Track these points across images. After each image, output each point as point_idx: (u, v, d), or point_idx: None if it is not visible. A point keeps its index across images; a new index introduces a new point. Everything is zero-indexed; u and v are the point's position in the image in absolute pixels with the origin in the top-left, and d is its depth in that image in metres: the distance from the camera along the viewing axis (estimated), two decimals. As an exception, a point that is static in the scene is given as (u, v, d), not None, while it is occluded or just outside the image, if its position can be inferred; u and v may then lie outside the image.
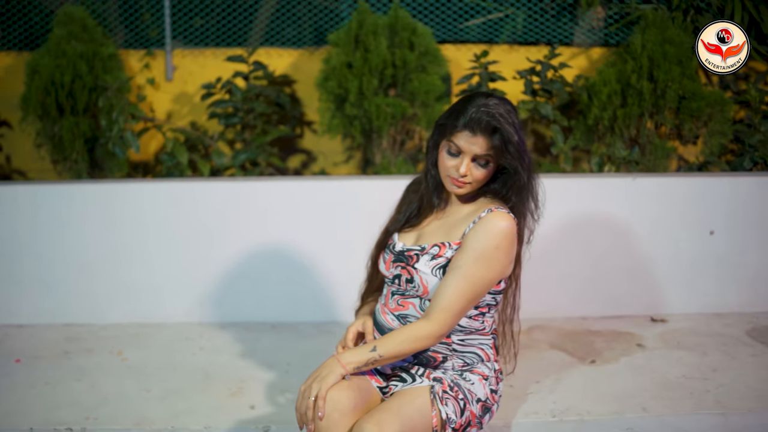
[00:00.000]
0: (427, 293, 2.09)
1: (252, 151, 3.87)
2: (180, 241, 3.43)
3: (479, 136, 2.00)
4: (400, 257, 2.13)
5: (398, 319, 2.14)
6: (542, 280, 3.44)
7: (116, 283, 3.44)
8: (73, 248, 3.42)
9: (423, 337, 2.04)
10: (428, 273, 2.07)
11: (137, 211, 3.44)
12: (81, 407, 2.65)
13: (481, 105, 2.01)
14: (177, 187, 3.47)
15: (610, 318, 3.43)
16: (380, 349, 2.02)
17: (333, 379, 1.98)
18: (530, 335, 3.27)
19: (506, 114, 2.02)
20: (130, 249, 3.43)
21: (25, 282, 3.44)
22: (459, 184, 2.06)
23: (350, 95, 3.67)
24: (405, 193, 2.28)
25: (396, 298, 2.15)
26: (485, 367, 2.20)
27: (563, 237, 3.44)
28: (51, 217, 3.41)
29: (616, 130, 3.71)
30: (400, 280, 2.12)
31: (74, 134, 3.74)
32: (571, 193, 3.47)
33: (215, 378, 2.89)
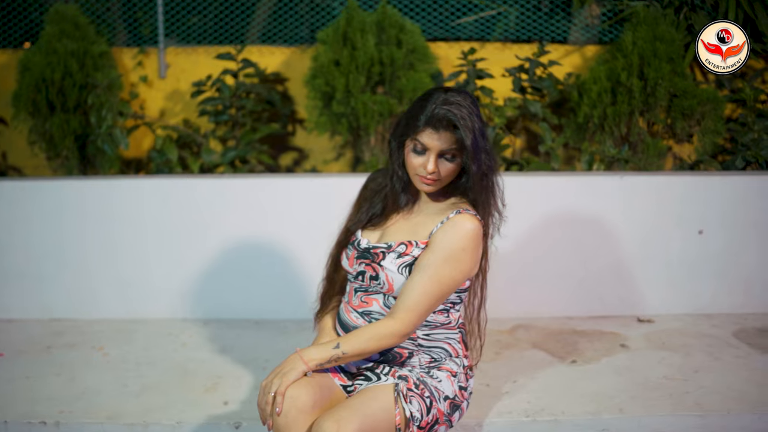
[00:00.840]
0: (392, 291, 2.07)
1: (242, 148, 3.87)
2: (166, 237, 3.44)
3: (442, 132, 1.98)
4: (365, 254, 2.11)
5: (362, 316, 2.13)
6: (528, 279, 3.42)
7: (103, 278, 3.45)
8: (61, 244, 3.44)
9: (387, 335, 2.02)
10: (394, 271, 2.06)
11: (123, 208, 3.45)
12: (57, 401, 2.66)
13: (441, 101, 1.99)
14: (163, 183, 3.48)
15: (597, 318, 3.40)
16: (344, 347, 2.01)
17: (294, 376, 1.97)
18: (513, 334, 3.24)
19: (467, 106, 2.00)
20: (117, 245, 3.44)
21: (15, 277, 3.46)
22: (428, 182, 2.04)
23: (337, 93, 3.66)
24: (363, 191, 2.26)
25: (360, 295, 2.14)
26: (453, 364, 2.18)
27: (551, 236, 3.40)
28: (38, 212, 3.43)
29: (606, 128, 3.67)
30: (364, 277, 2.11)
31: (64, 131, 3.76)
32: (559, 191, 3.44)
33: (192, 374, 2.89)
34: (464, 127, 1.96)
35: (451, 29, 4.13)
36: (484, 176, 2.04)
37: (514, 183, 3.41)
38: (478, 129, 1.99)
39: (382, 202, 2.18)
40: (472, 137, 1.97)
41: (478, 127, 1.99)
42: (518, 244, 3.38)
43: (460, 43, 4.13)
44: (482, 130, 2.01)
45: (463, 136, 1.96)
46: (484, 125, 2.03)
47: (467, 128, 1.97)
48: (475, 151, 1.98)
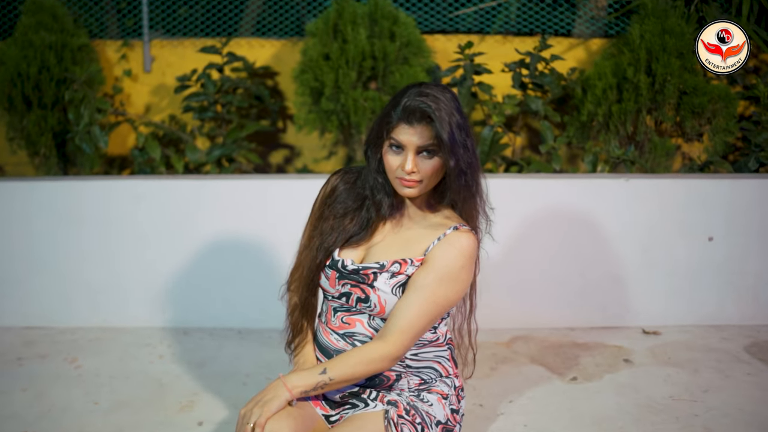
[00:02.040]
0: (384, 312, 1.90)
1: (228, 146, 3.69)
2: (143, 241, 3.27)
3: (417, 126, 1.81)
4: (352, 276, 1.92)
5: (343, 338, 1.95)
6: (527, 288, 3.24)
7: (77, 284, 3.28)
8: (31, 247, 3.27)
9: (378, 359, 1.86)
10: (388, 292, 1.89)
11: (99, 209, 3.28)
12: (20, 420, 2.50)
13: (415, 93, 1.83)
14: (140, 184, 3.30)
15: (599, 329, 3.21)
16: (331, 372, 1.84)
17: (276, 405, 1.80)
18: (511, 347, 3.06)
19: (444, 99, 1.82)
20: (92, 248, 3.27)
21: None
22: (409, 184, 1.86)
23: (326, 89, 3.47)
24: (327, 198, 2.02)
25: (340, 316, 1.96)
26: (444, 385, 2.03)
27: (550, 242, 3.22)
28: (7, 214, 3.26)
29: (611, 127, 3.48)
30: (349, 298, 1.93)
31: (42, 128, 3.59)
32: (561, 194, 3.25)
33: (168, 389, 2.72)
34: (439, 119, 1.79)
35: (448, 21, 3.94)
36: (462, 174, 1.85)
37: (513, 185, 3.25)
38: (456, 123, 1.81)
39: (359, 217, 1.97)
40: (448, 130, 1.80)
41: (456, 121, 1.82)
42: (516, 250, 3.20)
43: (458, 35, 3.93)
44: (461, 124, 1.83)
45: (438, 128, 1.79)
46: (465, 120, 1.85)
47: (443, 120, 1.79)
48: (452, 144, 1.80)
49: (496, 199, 3.24)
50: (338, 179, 2.02)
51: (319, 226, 2.00)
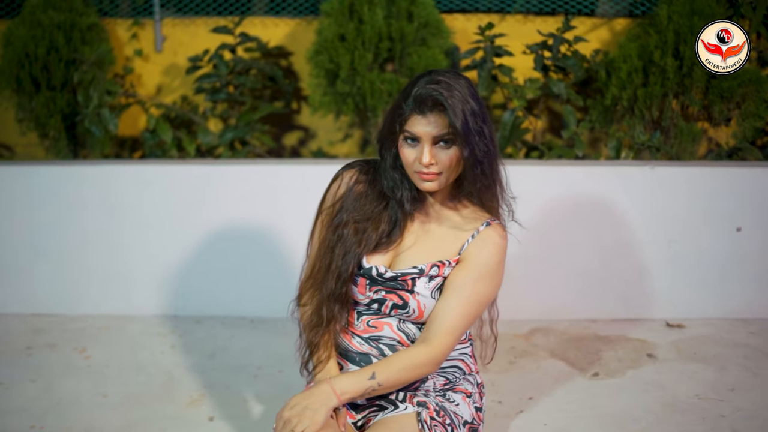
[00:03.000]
0: (422, 317, 1.83)
1: (241, 128, 3.60)
2: (153, 227, 3.20)
3: (430, 115, 1.72)
4: (389, 283, 1.82)
5: (368, 342, 1.86)
6: (547, 278, 3.14)
7: (86, 271, 3.23)
8: (40, 233, 3.21)
9: (424, 363, 1.78)
10: (427, 296, 1.81)
11: (108, 195, 3.21)
12: (28, 413, 2.45)
13: (426, 81, 1.73)
14: (150, 170, 3.22)
15: (621, 321, 3.11)
16: (379, 377, 1.75)
17: (324, 414, 1.70)
18: (531, 339, 2.98)
19: (456, 84, 1.72)
20: (101, 235, 3.21)
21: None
22: (428, 177, 1.76)
23: (341, 71, 3.36)
24: (339, 200, 1.88)
25: (366, 319, 1.87)
26: (467, 383, 1.96)
27: (571, 231, 3.12)
28: (16, 199, 3.20)
29: (636, 111, 3.35)
30: (382, 305, 1.84)
31: (50, 110, 3.51)
32: (582, 181, 3.14)
33: (178, 382, 2.66)
34: (452, 106, 1.69)
35: (468, 0, 3.80)
36: (478, 163, 1.75)
37: (533, 172, 3.14)
38: (470, 109, 1.71)
39: (385, 219, 1.85)
40: (462, 118, 1.70)
41: (471, 108, 1.72)
42: (536, 239, 3.09)
43: (477, 15, 3.80)
44: (476, 110, 1.73)
45: (451, 116, 1.69)
46: (481, 106, 1.75)
47: (456, 107, 1.69)
48: (466, 132, 1.70)
49: (515, 186, 3.13)
50: (353, 177, 1.89)
51: (339, 230, 1.85)
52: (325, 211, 1.90)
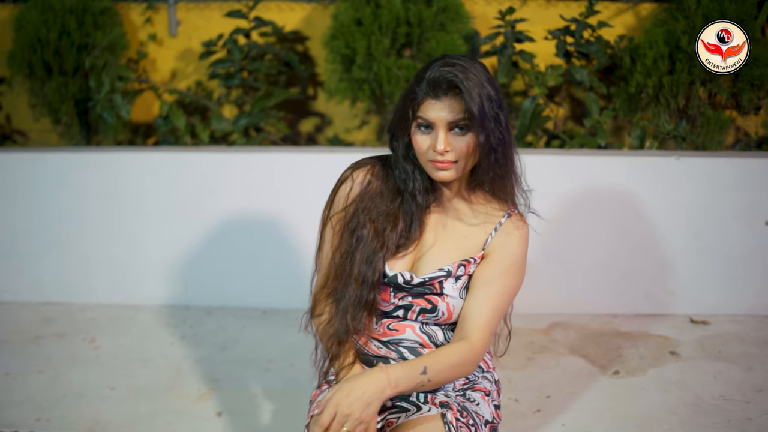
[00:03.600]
0: (451, 318, 1.75)
1: (255, 115, 3.53)
2: (166, 216, 3.15)
3: (444, 99, 1.62)
4: (417, 288, 1.73)
5: (386, 345, 1.77)
6: (568, 271, 3.05)
7: (97, 260, 3.18)
8: (51, 220, 3.17)
9: (470, 362, 1.69)
10: (456, 297, 1.73)
11: (121, 183, 3.16)
12: (34, 405, 2.41)
13: (440, 64, 1.64)
14: (160, 157, 3.17)
15: (644, 317, 3.02)
16: (430, 373, 1.65)
17: (376, 408, 1.59)
18: (549, 334, 2.89)
19: (472, 68, 1.63)
20: (112, 223, 3.16)
21: (3, 255, 3.20)
22: (443, 165, 1.66)
23: (358, 56, 3.27)
24: (352, 203, 1.77)
25: (386, 323, 1.77)
26: (486, 381, 1.87)
27: (593, 223, 3.02)
28: (27, 186, 3.16)
29: (662, 99, 3.23)
30: (408, 311, 1.75)
31: (62, 96, 3.45)
32: (604, 172, 3.04)
33: (187, 375, 2.61)
34: (468, 89, 1.60)
35: (489, -17, 3.69)
36: (492, 150, 1.66)
37: (554, 162, 3.04)
38: (487, 94, 1.62)
39: (402, 216, 1.75)
40: (479, 102, 1.61)
41: (487, 92, 1.62)
42: (556, 230, 3.00)
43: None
44: (492, 96, 1.64)
45: (468, 99, 1.60)
46: (497, 92, 1.66)
47: (472, 91, 1.60)
48: (482, 118, 1.61)
49: (536, 177, 3.04)
50: (366, 176, 1.79)
51: (357, 232, 1.74)
52: (336, 216, 1.78)
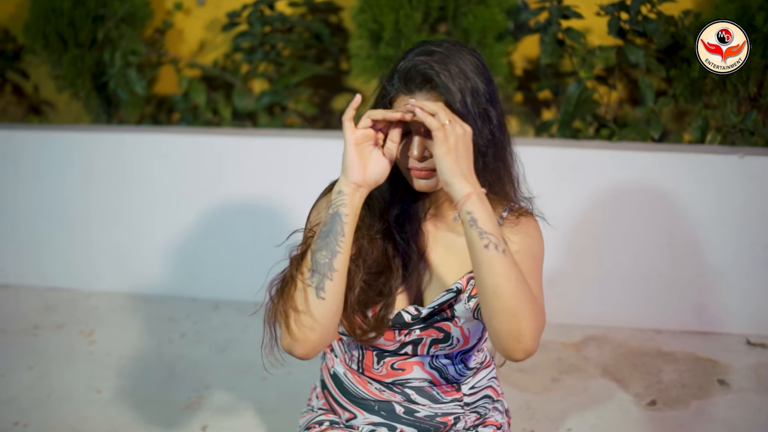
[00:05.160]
0: (468, 343, 1.50)
1: (279, 92, 3.28)
2: (176, 203, 2.96)
3: (419, 94, 1.34)
4: (426, 320, 1.47)
5: (389, 387, 1.54)
6: (606, 278, 2.74)
7: (103, 245, 3.03)
8: (57, 203, 3.02)
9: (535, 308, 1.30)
10: (470, 318, 1.46)
11: (132, 166, 2.98)
12: (16, 407, 2.27)
13: (416, 53, 1.36)
14: (172, 140, 2.96)
15: (692, 334, 2.68)
16: (504, 248, 1.28)
17: (459, 159, 1.28)
18: (581, 350, 2.59)
19: (456, 56, 1.35)
20: (120, 208, 2.99)
21: (9, 238, 3.08)
22: (422, 174, 1.38)
23: (385, 32, 2.98)
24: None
25: (390, 362, 1.53)
26: (497, 413, 1.65)
27: (638, 225, 2.68)
28: (32, 166, 3.01)
29: (729, 86, 2.84)
30: (418, 346, 1.50)
31: (78, 69, 3.28)
32: (655, 169, 2.68)
33: (179, 379, 2.43)
34: (444, 83, 1.32)
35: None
36: (480, 155, 1.37)
37: (598, 156, 2.71)
38: (471, 88, 1.34)
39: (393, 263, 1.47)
40: (459, 97, 1.32)
41: (471, 86, 1.34)
42: (597, 233, 2.69)
43: (548, -32, 3.31)
44: (479, 89, 1.35)
45: (444, 93, 1.32)
46: (488, 83, 1.37)
47: (449, 84, 1.32)
48: (464, 116, 1.33)
49: (576, 172, 2.74)
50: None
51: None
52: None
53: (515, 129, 3.54)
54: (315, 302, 1.33)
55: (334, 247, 1.34)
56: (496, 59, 3.01)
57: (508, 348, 1.28)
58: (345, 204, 1.35)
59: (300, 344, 1.33)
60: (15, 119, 3.76)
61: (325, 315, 1.33)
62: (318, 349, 1.36)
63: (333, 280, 1.34)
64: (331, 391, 1.63)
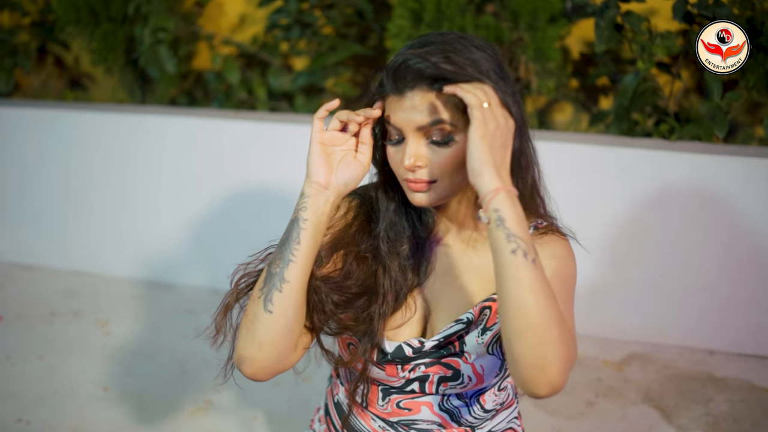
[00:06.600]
0: (482, 382, 1.31)
1: (317, 72, 3.11)
2: (204, 190, 2.83)
3: (409, 94, 1.15)
4: (432, 354, 1.30)
5: (393, 427, 1.37)
6: (655, 291, 2.49)
7: (129, 230, 2.93)
8: (85, 184, 2.94)
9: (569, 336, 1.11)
10: (483, 354, 1.28)
11: (159, 149, 2.86)
12: (20, 401, 2.20)
13: (410, 46, 1.17)
14: (197, 123, 2.82)
15: (749, 358, 2.42)
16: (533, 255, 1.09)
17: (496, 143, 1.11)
18: (622, 371, 2.37)
19: (459, 47, 1.16)
20: (147, 193, 2.89)
21: (38, 218, 3.02)
22: (418, 187, 1.20)
23: (426, 13, 2.76)
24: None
25: (395, 399, 1.36)
26: None
27: (693, 234, 2.43)
28: (59, 146, 2.94)
29: (809, 81, 2.53)
30: (424, 383, 1.32)
31: (110, 44, 3.17)
32: (714, 174, 2.41)
33: (190, 379, 2.32)
34: (442, 75, 1.13)
35: None
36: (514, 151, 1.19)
37: (653, 157, 2.45)
38: (482, 64, 1.16)
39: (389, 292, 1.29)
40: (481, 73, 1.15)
41: (487, 80, 1.15)
42: (646, 241, 2.45)
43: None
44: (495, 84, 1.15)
45: (452, 69, 1.13)
46: (506, 80, 1.18)
47: (457, 72, 1.13)
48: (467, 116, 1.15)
49: (626, 173, 2.48)
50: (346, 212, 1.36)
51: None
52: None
53: (568, 116, 3.29)
54: (262, 315, 1.18)
55: (288, 256, 1.20)
56: (547, 41, 2.77)
57: (530, 379, 1.07)
58: (306, 208, 1.21)
59: (246, 363, 1.20)
60: (56, 91, 3.70)
61: (272, 331, 1.18)
62: (269, 371, 1.21)
63: (282, 292, 1.18)
64: (333, 419, 1.48)
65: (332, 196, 1.22)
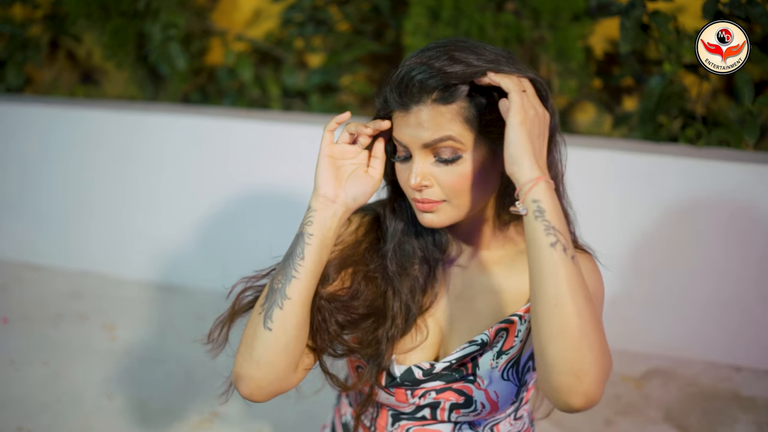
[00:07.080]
0: (497, 410, 1.24)
1: (332, 70, 3.03)
2: (215, 191, 2.76)
3: (415, 109, 1.09)
4: (443, 378, 1.23)
5: None
6: (679, 302, 2.40)
7: (138, 230, 2.87)
8: (93, 183, 2.88)
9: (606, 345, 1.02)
10: (497, 379, 1.21)
11: (166, 148, 2.79)
12: (21, 409, 2.14)
13: (415, 55, 1.11)
14: (204, 124, 2.75)
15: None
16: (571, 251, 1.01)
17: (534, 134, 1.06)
18: (643, 387, 2.27)
19: (468, 54, 1.09)
20: (155, 191, 2.83)
21: (45, 217, 2.97)
22: (426, 207, 1.14)
23: (444, 10, 2.67)
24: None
25: (406, 426, 1.30)
26: None
27: (719, 244, 2.32)
28: (66, 145, 2.88)
29: None
30: (436, 410, 1.26)
31: (120, 40, 3.11)
32: (743, 182, 2.30)
33: (196, 388, 2.25)
34: (449, 81, 1.07)
35: None
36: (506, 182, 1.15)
37: (677, 165, 2.35)
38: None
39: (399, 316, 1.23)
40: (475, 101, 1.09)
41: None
42: (671, 251, 2.35)
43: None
44: None
45: (452, 95, 1.08)
46: (515, 63, 1.12)
47: (455, 81, 1.07)
48: (483, 128, 1.10)
49: (652, 179, 2.38)
50: (358, 228, 1.31)
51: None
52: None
53: (591, 117, 3.19)
54: (261, 332, 1.13)
55: (291, 272, 1.14)
56: (570, 41, 2.66)
57: (565, 388, 0.98)
58: (311, 222, 1.15)
59: (243, 382, 1.15)
60: (68, 85, 3.65)
61: (271, 349, 1.12)
62: (266, 391, 1.15)
63: (283, 309, 1.13)
64: None
65: (340, 210, 1.16)
